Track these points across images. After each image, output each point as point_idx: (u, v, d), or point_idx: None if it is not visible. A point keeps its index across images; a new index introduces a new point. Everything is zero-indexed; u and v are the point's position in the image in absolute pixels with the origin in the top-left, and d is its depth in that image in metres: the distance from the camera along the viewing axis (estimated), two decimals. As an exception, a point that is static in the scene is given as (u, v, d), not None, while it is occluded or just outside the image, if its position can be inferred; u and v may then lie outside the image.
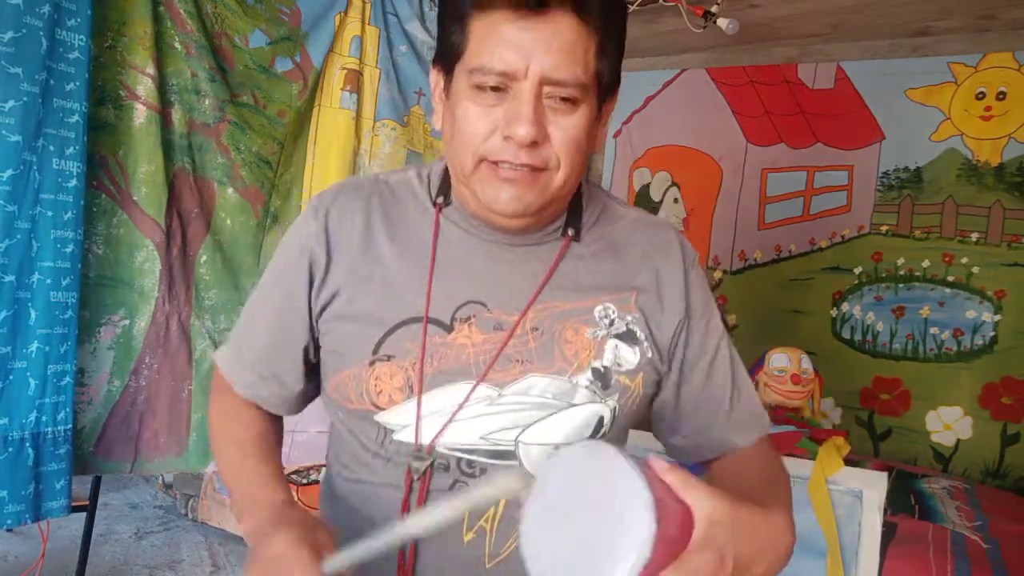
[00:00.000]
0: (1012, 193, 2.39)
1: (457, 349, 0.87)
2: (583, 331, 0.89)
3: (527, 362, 0.88)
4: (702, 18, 2.42)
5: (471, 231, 0.91)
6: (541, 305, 0.89)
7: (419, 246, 0.91)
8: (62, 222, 1.72)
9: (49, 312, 1.71)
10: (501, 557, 0.89)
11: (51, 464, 1.75)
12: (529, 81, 0.78)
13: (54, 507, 1.76)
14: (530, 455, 0.87)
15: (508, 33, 0.78)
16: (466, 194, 0.88)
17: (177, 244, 2.02)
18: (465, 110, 0.82)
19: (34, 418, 1.70)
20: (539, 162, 0.81)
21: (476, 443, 0.87)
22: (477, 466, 0.87)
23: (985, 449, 2.37)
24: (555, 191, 0.84)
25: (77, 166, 1.74)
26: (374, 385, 0.88)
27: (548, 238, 0.92)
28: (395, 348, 0.88)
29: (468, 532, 0.88)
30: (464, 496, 0.75)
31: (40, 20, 1.64)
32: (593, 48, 0.81)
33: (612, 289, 0.92)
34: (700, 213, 2.99)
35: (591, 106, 0.83)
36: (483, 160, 0.82)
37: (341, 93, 2.39)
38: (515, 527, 0.85)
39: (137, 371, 1.96)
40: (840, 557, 1.63)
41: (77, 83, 1.73)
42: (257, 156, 2.19)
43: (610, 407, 0.90)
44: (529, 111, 0.78)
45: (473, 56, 0.80)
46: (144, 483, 3.67)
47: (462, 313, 0.88)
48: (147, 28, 1.90)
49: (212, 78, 2.04)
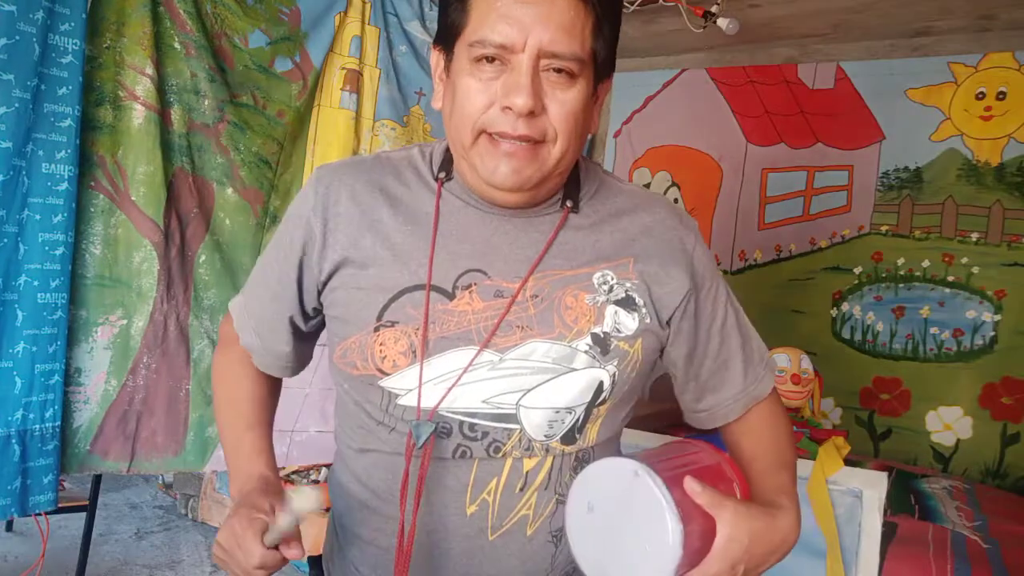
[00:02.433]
0: (1012, 193, 2.39)
1: (459, 316, 0.89)
2: (582, 297, 0.91)
3: (527, 328, 0.89)
4: (702, 18, 2.42)
5: (471, 203, 0.93)
6: (540, 273, 0.91)
7: (421, 217, 0.93)
8: (51, 225, 1.75)
9: (37, 313, 1.75)
10: (503, 529, 0.91)
11: (39, 460, 1.78)
12: (527, 54, 0.80)
13: (42, 501, 1.80)
14: (531, 419, 0.89)
15: (507, 8, 0.80)
16: (465, 169, 0.90)
17: (176, 244, 2.02)
18: (465, 85, 0.84)
19: (20, 415, 1.74)
20: (536, 133, 0.83)
21: (479, 407, 0.89)
22: (479, 429, 0.89)
23: (985, 449, 2.37)
24: (553, 165, 0.86)
25: (69, 169, 1.76)
26: (379, 350, 0.89)
27: (547, 210, 0.94)
28: (399, 314, 0.89)
29: (471, 504, 0.90)
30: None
31: (33, 26, 1.65)
32: (590, 25, 0.83)
33: (610, 256, 0.94)
34: (700, 213, 2.99)
35: (587, 82, 0.85)
36: (482, 133, 0.84)
37: (341, 93, 2.39)
38: (516, 500, 0.90)
39: (135, 371, 1.96)
40: (840, 557, 1.63)
41: (70, 87, 1.74)
42: (256, 156, 2.19)
43: (609, 372, 0.91)
44: (527, 82, 0.80)
45: (474, 31, 0.83)
46: (144, 483, 3.67)
47: (463, 281, 0.90)
48: (146, 28, 1.90)
49: (211, 78, 2.04)
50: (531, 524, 0.92)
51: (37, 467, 1.78)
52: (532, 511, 0.91)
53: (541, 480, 0.91)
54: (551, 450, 0.91)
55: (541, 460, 0.91)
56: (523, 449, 0.90)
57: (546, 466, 0.91)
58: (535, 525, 0.92)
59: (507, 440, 0.89)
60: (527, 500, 0.91)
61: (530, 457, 0.90)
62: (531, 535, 0.92)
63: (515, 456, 0.90)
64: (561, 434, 0.91)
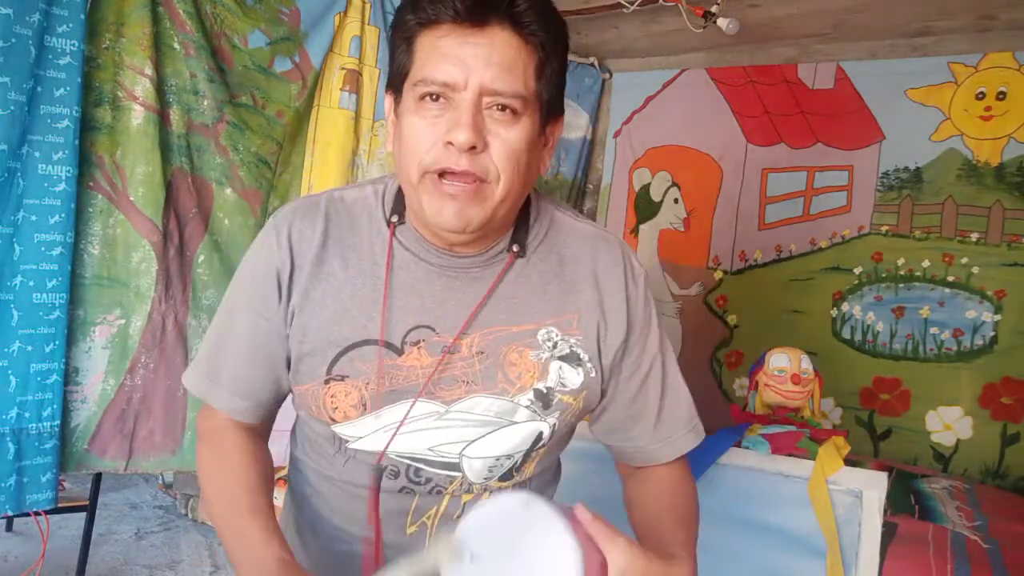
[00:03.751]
0: (1012, 193, 2.39)
1: (407, 371, 0.92)
2: (527, 353, 0.94)
3: (472, 383, 0.93)
4: (702, 18, 2.42)
5: (421, 255, 0.94)
6: (488, 330, 0.93)
7: (371, 268, 0.94)
8: (47, 225, 1.76)
9: (32, 313, 1.76)
10: None
11: (35, 458, 1.79)
12: (469, 91, 0.82)
13: (39, 499, 1.81)
14: (473, 467, 0.94)
15: (450, 47, 0.82)
16: (414, 208, 0.90)
17: (174, 244, 2.02)
18: (411, 123, 0.85)
19: (15, 414, 1.75)
20: (479, 171, 0.83)
21: (424, 453, 0.93)
22: (423, 475, 0.94)
23: (985, 449, 2.36)
24: (496, 205, 0.86)
25: (67, 170, 1.77)
26: (329, 402, 0.93)
27: (495, 259, 0.95)
28: (348, 368, 0.92)
29: (411, 526, 0.96)
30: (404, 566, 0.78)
31: (29, 29, 1.66)
32: (533, 66, 0.85)
33: (555, 312, 0.95)
34: (700, 213, 2.98)
35: (532, 121, 0.86)
36: (427, 172, 0.85)
37: (340, 93, 2.39)
38: (454, 525, 0.91)
39: (133, 370, 1.97)
40: (840, 557, 1.62)
41: (68, 88, 1.75)
42: (256, 156, 2.19)
43: (549, 424, 0.95)
44: (468, 118, 0.82)
45: (418, 70, 0.84)
46: (144, 483, 3.67)
47: (412, 337, 0.92)
48: (146, 29, 1.90)
49: (211, 78, 2.04)
50: None
51: (34, 465, 1.79)
52: None
53: None
54: (489, 488, 0.96)
55: (478, 495, 0.96)
56: (463, 491, 0.96)
57: (483, 499, 0.95)
58: None
59: (449, 485, 0.95)
60: None
61: (468, 493, 0.96)
62: None
63: (454, 494, 0.96)
64: (499, 476, 0.96)
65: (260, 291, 0.94)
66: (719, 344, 2.91)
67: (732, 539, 1.72)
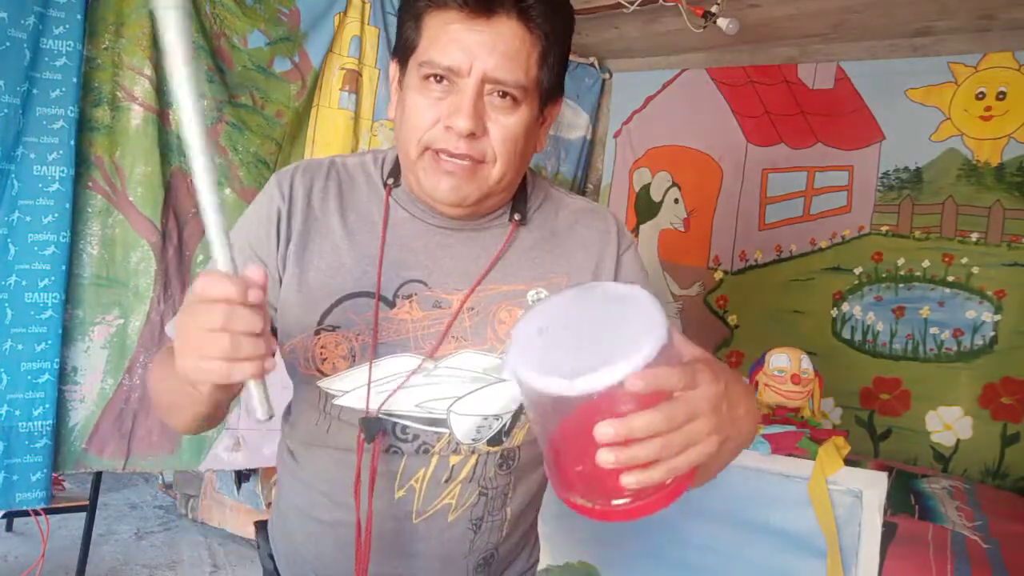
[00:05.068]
0: (1012, 193, 2.39)
1: (398, 324, 0.93)
2: (516, 312, 0.95)
3: (462, 339, 0.94)
4: (702, 18, 2.42)
5: (416, 215, 0.97)
6: (479, 287, 0.95)
7: (368, 226, 0.96)
8: (41, 226, 1.77)
9: (25, 312, 1.77)
10: (427, 515, 0.96)
11: (25, 457, 1.80)
12: (472, 78, 0.85)
13: (30, 498, 1.81)
14: (461, 426, 0.94)
15: (456, 32, 0.84)
16: (411, 179, 0.94)
17: (173, 244, 2.03)
18: (414, 101, 0.88)
19: (5, 412, 1.76)
20: (476, 154, 0.87)
21: (411, 410, 0.93)
22: (410, 431, 0.94)
23: (985, 449, 2.36)
24: (492, 185, 0.90)
25: (62, 170, 1.77)
26: (319, 353, 0.93)
27: (491, 224, 0.98)
28: (340, 319, 0.93)
29: (399, 490, 0.95)
30: None
31: (24, 32, 1.67)
32: (536, 55, 0.87)
33: (545, 275, 0.98)
34: (701, 213, 2.98)
35: (531, 108, 0.90)
36: (427, 149, 0.88)
37: (340, 93, 2.39)
38: (441, 490, 0.95)
39: (131, 370, 1.97)
40: (840, 557, 1.62)
41: (64, 89, 1.76)
42: (255, 157, 2.19)
43: None
44: (469, 105, 0.84)
45: (424, 51, 0.87)
46: (144, 483, 3.67)
47: (404, 291, 0.94)
48: (145, 29, 1.90)
49: (210, 78, 2.04)
50: (453, 512, 0.97)
51: (24, 464, 1.79)
52: (455, 500, 0.97)
53: (466, 474, 0.96)
54: (477, 450, 0.96)
55: (466, 458, 0.96)
56: (450, 450, 0.95)
57: (471, 462, 0.96)
58: (456, 513, 0.97)
59: (436, 443, 0.94)
60: (451, 491, 0.96)
61: (456, 454, 0.95)
62: (452, 521, 0.97)
63: (442, 455, 0.95)
64: (488, 438, 0.96)
65: (259, 233, 0.96)
66: (719, 344, 2.91)
67: (732, 539, 1.72)
